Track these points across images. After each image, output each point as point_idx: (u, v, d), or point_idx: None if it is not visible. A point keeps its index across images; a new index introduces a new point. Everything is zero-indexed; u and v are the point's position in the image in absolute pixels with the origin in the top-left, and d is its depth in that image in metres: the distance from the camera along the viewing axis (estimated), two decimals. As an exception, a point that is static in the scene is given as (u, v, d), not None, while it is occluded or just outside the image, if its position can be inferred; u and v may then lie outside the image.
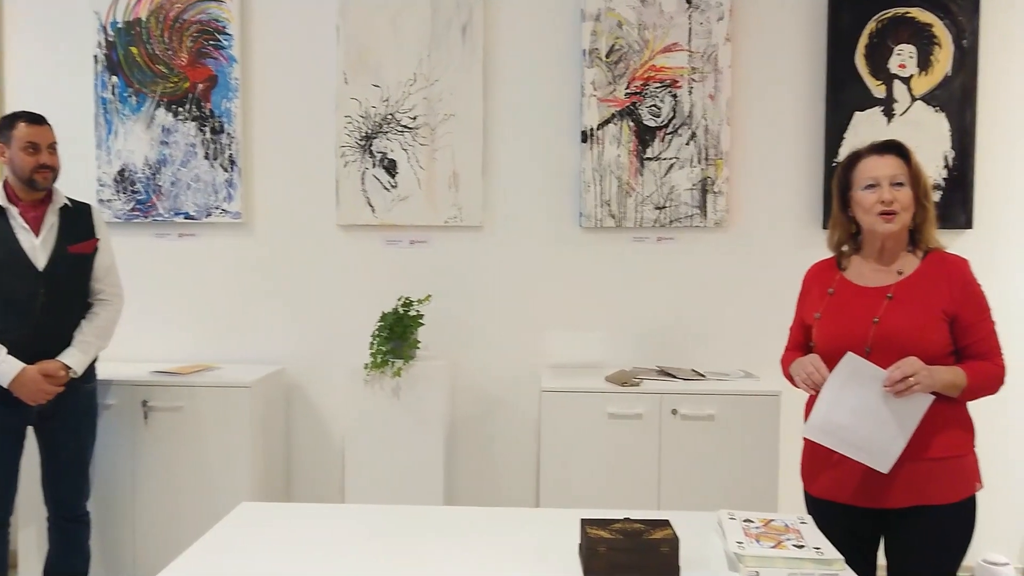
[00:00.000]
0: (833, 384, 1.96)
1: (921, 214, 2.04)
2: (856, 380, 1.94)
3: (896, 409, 1.91)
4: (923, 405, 1.92)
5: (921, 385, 1.89)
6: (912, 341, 1.94)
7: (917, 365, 1.89)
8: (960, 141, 3.36)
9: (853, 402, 1.94)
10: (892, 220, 2.00)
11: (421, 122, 3.46)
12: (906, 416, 1.92)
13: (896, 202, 1.99)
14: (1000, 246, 3.40)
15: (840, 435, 1.96)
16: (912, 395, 1.90)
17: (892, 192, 1.99)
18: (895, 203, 1.99)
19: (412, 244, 3.52)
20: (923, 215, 2.04)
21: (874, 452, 1.93)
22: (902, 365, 1.90)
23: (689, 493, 3.00)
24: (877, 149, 2.06)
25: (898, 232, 2.03)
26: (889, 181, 2.00)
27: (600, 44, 3.40)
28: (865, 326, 1.99)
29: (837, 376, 1.96)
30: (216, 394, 3.16)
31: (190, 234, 3.57)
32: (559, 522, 1.94)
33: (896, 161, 2.02)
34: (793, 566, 1.64)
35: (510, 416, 3.52)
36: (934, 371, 1.91)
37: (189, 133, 3.51)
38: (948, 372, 1.94)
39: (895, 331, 1.96)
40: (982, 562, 3.40)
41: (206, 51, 3.49)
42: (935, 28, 3.36)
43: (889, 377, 1.90)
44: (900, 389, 1.89)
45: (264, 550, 1.84)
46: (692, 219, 3.42)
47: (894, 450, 1.92)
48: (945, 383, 1.93)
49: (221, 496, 3.06)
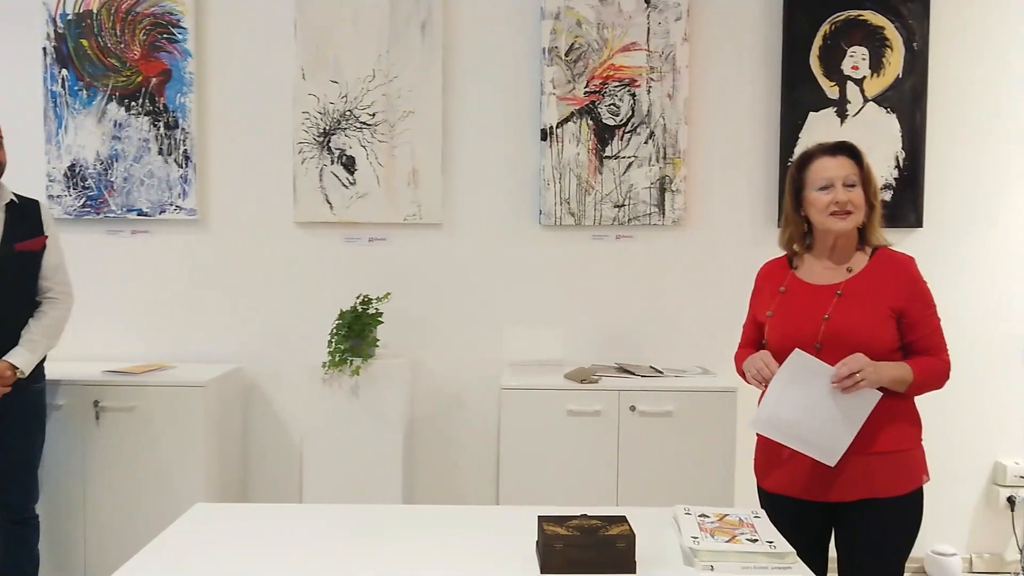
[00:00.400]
0: (780, 379, 2.00)
1: (870, 213, 2.08)
2: (803, 376, 1.97)
3: (844, 404, 1.95)
4: (871, 401, 1.96)
5: (867, 381, 1.93)
6: (860, 337, 1.98)
7: (863, 361, 1.93)
8: (911, 141, 3.44)
9: (800, 397, 1.97)
10: (846, 220, 2.04)
11: (380, 119, 3.44)
12: (853, 411, 1.96)
13: (850, 202, 2.03)
14: (949, 244, 3.49)
15: (786, 429, 2.00)
16: (859, 391, 1.94)
17: (846, 193, 2.03)
18: (848, 203, 2.03)
19: (371, 242, 3.50)
20: (871, 215, 2.09)
21: (821, 446, 1.97)
22: (848, 362, 1.93)
23: (647, 489, 3.03)
24: (829, 150, 2.09)
25: (850, 231, 2.07)
26: (842, 182, 2.04)
27: (560, 43, 3.41)
28: (815, 323, 2.02)
29: (785, 372, 2.00)
30: (170, 394, 3.11)
31: (143, 231, 3.50)
32: (517, 520, 1.94)
33: (849, 162, 2.06)
34: (747, 560, 1.67)
35: (470, 414, 3.51)
36: (880, 367, 1.95)
37: (142, 128, 3.44)
38: (895, 368, 1.98)
39: (844, 328, 2.00)
40: (931, 553, 3.48)
41: (160, 45, 3.43)
42: (887, 31, 3.43)
43: (836, 374, 1.93)
44: (847, 385, 1.93)
45: (219, 551, 1.82)
46: (650, 217, 3.45)
47: (841, 444, 1.96)
48: (892, 378, 1.97)
49: (175, 498, 3.01)
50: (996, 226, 3.50)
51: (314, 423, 3.17)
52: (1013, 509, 3.48)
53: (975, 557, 3.57)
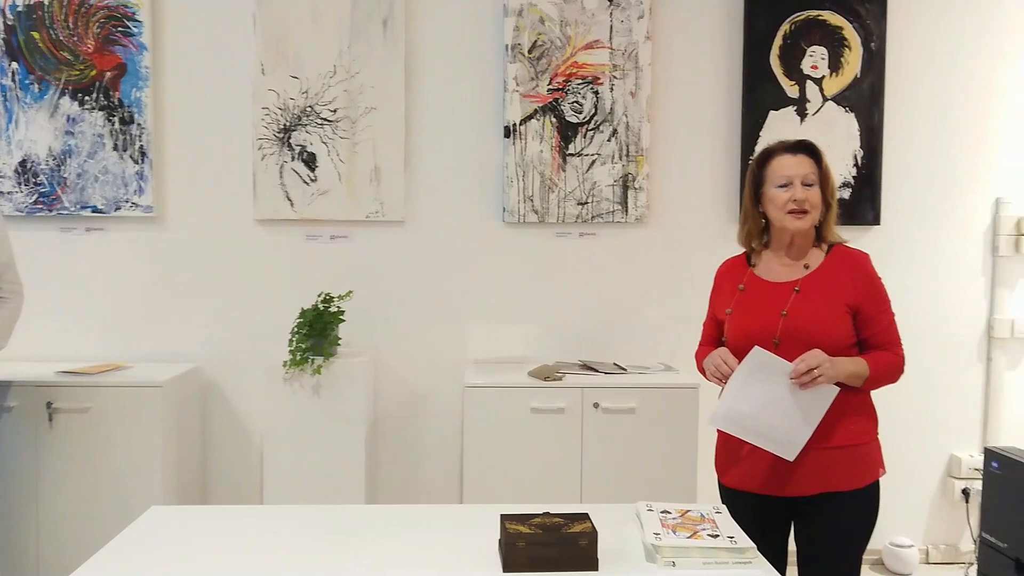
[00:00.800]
0: (739, 376, 2.02)
1: (826, 212, 2.11)
2: (762, 372, 1.99)
3: (802, 400, 1.97)
4: (829, 396, 1.98)
5: (825, 376, 1.95)
6: (817, 333, 2.00)
7: (821, 357, 1.96)
8: (868, 140, 3.49)
9: (759, 393, 1.99)
10: (802, 218, 2.06)
11: (341, 115, 3.40)
12: (812, 407, 1.98)
13: (807, 201, 2.05)
14: (906, 242, 3.55)
15: (745, 424, 2.01)
16: (817, 386, 1.96)
17: (804, 191, 2.05)
18: (806, 202, 2.05)
19: (333, 239, 3.46)
20: (828, 213, 2.11)
21: (780, 441, 1.99)
22: (807, 358, 1.95)
23: (611, 485, 3.04)
24: (790, 148, 2.11)
25: (807, 229, 2.09)
26: (801, 180, 2.06)
27: (522, 40, 3.40)
28: (774, 319, 2.04)
29: (744, 368, 2.01)
30: (126, 394, 3.04)
31: (98, 228, 3.42)
32: (481, 518, 1.93)
33: (808, 161, 2.08)
34: (708, 555, 1.67)
35: (433, 412, 3.49)
36: (837, 362, 1.98)
37: (96, 123, 3.37)
38: (851, 363, 2.01)
39: (802, 323, 2.02)
40: (889, 545, 3.54)
41: (114, 38, 3.35)
42: (845, 31, 3.47)
43: (795, 370, 1.95)
44: (805, 381, 1.95)
45: (175, 554, 1.78)
46: (614, 215, 3.45)
47: (800, 439, 1.98)
48: (848, 373, 1.99)
49: (132, 501, 2.95)
50: (952, 224, 3.57)
51: (275, 423, 3.13)
52: (967, 501, 3.56)
53: (931, 548, 3.64)
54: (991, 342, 3.59)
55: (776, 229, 2.13)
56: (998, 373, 3.58)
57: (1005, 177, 3.57)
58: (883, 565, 3.57)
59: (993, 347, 3.59)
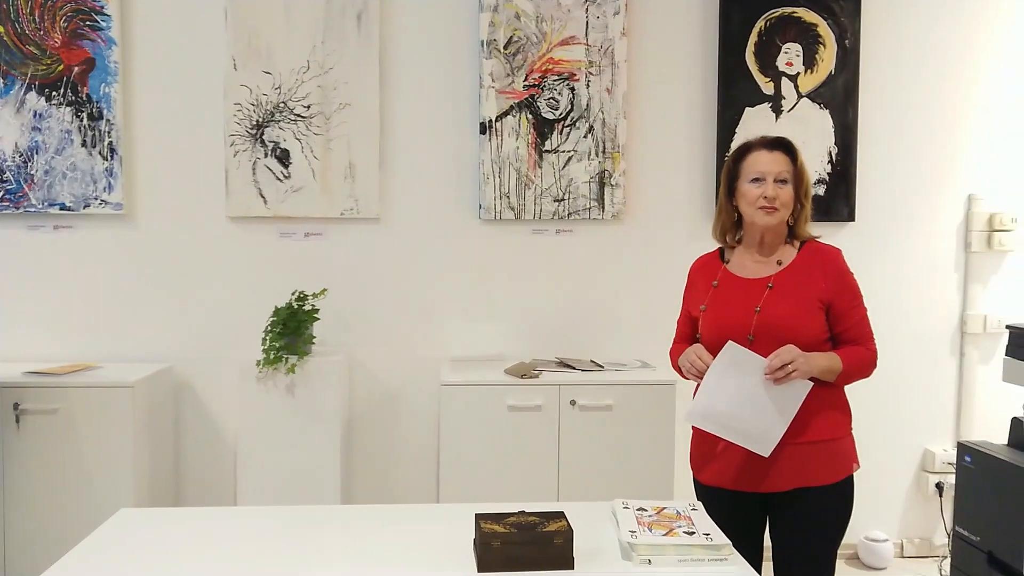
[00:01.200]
0: (714, 372, 2.01)
1: (800, 210, 2.11)
2: (737, 368, 1.99)
3: (776, 395, 1.97)
4: (803, 391, 1.98)
5: (799, 372, 1.95)
6: (791, 328, 2.00)
7: (795, 352, 1.96)
8: (843, 137, 3.51)
9: (734, 389, 1.98)
10: (772, 215, 2.06)
11: (315, 111, 3.36)
12: (786, 402, 1.98)
13: (777, 199, 2.05)
14: (880, 238, 3.57)
15: (721, 421, 2.01)
16: (791, 382, 1.96)
17: (775, 189, 2.05)
18: (776, 200, 2.05)
19: (307, 237, 3.42)
20: (801, 212, 2.11)
21: (755, 437, 1.98)
22: (781, 353, 1.95)
23: (588, 483, 3.03)
24: (767, 144, 2.11)
25: (776, 226, 2.09)
26: (774, 177, 2.06)
27: (498, 35, 3.38)
28: (748, 315, 2.04)
29: (718, 364, 2.01)
30: (96, 395, 2.99)
31: (67, 226, 3.36)
32: (456, 517, 1.92)
33: (783, 158, 2.08)
34: (683, 552, 1.67)
35: (409, 411, 3.47)
36: (811, 357, 1.98)
37: (64, 119, 3.30)
38: (824, 358, 2.01)
39: (775, 319, 2.02)
40: (864, 539, 3.56)
41: (82, 32, 3.29)
42: (820, 28, 3.48)
43: (769, 365, 1.95)
44: (779, 376, 1.94)
45: (144, 557, 1.74)
46: (590, 211, 3.44)
47: (774, 435, 1.98)
48: (822, 368, 2.00)
49: (102, 504, 2.90)
50: (925, 220, 3.60)
51: (248, 423, 3.09)
52: (941, 495, 3.59)
53: (906, 542, 3.67)
54: (964, 337, 3.62)
55: (747, 225, 2.13)
56: (971, 368, 3.62)
57: (977, 173, 3.60)
58: (858, 559, 3.59)
59: (966, 342, 3.62)
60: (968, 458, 2.93)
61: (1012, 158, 3.60)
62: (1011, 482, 2.67)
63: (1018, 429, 2.76)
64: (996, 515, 2.77)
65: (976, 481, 2.89)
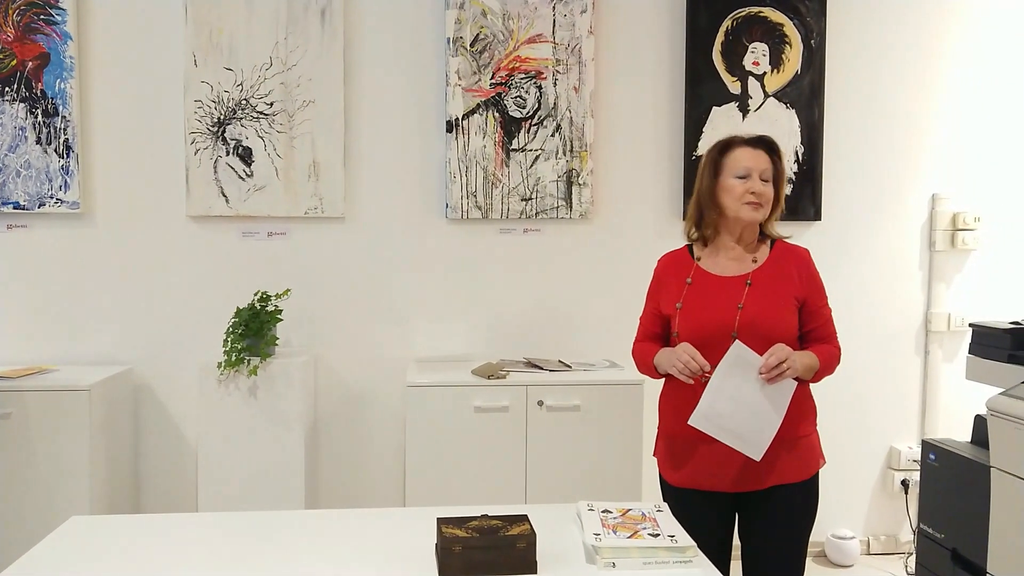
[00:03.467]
0: (720, 372, 1.97)
1: (775, 210, 2.13)
2: (739, 368, 1.96)
3: (769, 395, 1.96)
4: (789, 391, 1.97)
5: (792, 370, 1.95)
6: (772, 326, 2.01)
7: (788, 350, 1.96)
8: (809, 137, 3.52)
9: (733, 389, 1.95)
10: (757, 211, 2.07)
11: (278, 108, 3.30)
12: (776, 402, 1.96)
13: (763, 195, 2.06)
14: (846, 237, 3.58)
15: (719, 422, 1.97)
16: (780, 381, 1.96)
17: (761, 185, 2.05)
18: (763, 196, 2.06)
19: (270, 236, 3.36)
20: (775, 211, 2.13)
21: (749, 439, 1.96)
22: (776, 351, 1.94)
23: (556, 484, 3.00)
24: (751, 142, 2.10)
25: (756, 223, 2.10)
26: (760, 175, 2.06)
27: (464, 33, 3.34)
28: (730, 313, 2.03)
29: (725, 364, 1.96)
30: (51, 399, 2.91)
31: (21, 225, 3.27)
32: (420, 521, 1.88)
33: (767, 158, 2.09)
34: (648, 555, 1.65)
35: (374, 413, 3.42)
36: (799, 356, 2.00)
37: (18, 115, 3.21)
38: (807, 356, 2.03)
39: (757, 316, 2.01)
40: (831, 537, 3.58)
41: (36, 26, 3.20)
42: (786, 28, 3.49)
43: (765, 364, 1.93)
44: (775, 375, 1.93)
45: (97, 567, 1.68)
46: (558, 211, 3.42)
47: (767, 436, 1.96)
48: (805, 366, 2.01)
49: (57, 511, 2.82)
50: (890, 219, 3.62)
51: (210, 427, 3.02)
52: (907, 492, 3.62)
53: (872, 539, 3.69)
54: (928, 336, 3.65)
55: (727, 220, 2.10)
56: (935, 366, 3.64)
57: (941, 173, 3.63)
58: (826, 557, 3.60)
59: (930, 340, 3.65)
60: (932, 456, 2.95)
61: (975, 158, 3.64)
62: (974, 479, 2.69)
63: (981, 427, 2.78)
64: (960, 512, 2.79)
65: (940, 478, 2.91)
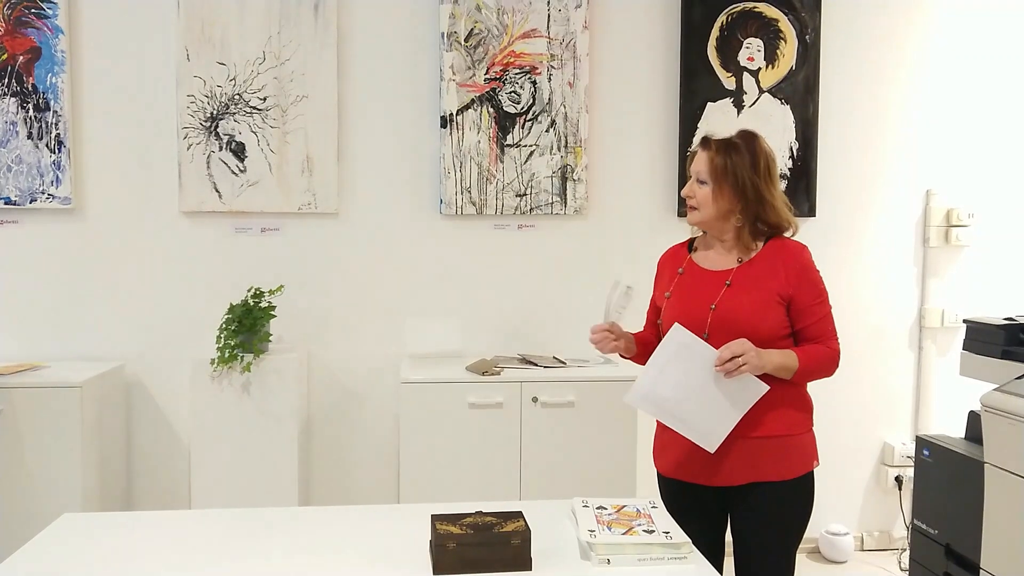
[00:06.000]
0: (661, 354, 1.97)
1: (749, 207, 2.04)
2: (685, 354, 1.95)
3: (726, 391, 1.93)
4: (757, 392, 1.93)
5: (749, 366, 1.91)
6: (746, 323, 1.98)
7: (747, 346, 1.92)
8: (803, 133, 3.52)
9: (681, 376, 1.94)
10: (691, 214, 2.08)
11: (271, 103, 3.29)
12: (736, 399, 1.93)
13: (693, 197, 2.06)
14: (840, 233, 3.58)
15: (664, 406, 1.97)
16: (744, 379, 1.92)
17: (692, 187, 2.07)
18: (693, 198, 2.06)
19: (263, 232, 3.34)
20: (750, 208, 2.04)
21: (700, 429, 1.95)
22: (732, 345, 1.92)
23: (550, 480, 3.00)
24: (701, 143, 2.10)
25: (710, 224, 2.07)
26: (697, 176, 2.07)
27: (459, 27, 3.33)
28: (704, 311, 2.02)
29: (666, 346, 1.96)
30: (42, 396, 2.89)
31: (11, 221, 3.25)
32: (415, 518, 1.87)
33: (704, 156, 2.06)
34: (642, 552, 1.64)
35: (369, 409, 3.41)
36: (764, 354, 1.94)
37: (9, 110, 3.19)
38: (779, 355, 1.97)
39: (730, 315, 1.99)
40: (824, 533, 3.58)
41: (27, 20, 3.18)
42: (781, 23, 3.49)
43: (719, 357, 1.91)
44: (729, 369, 1.91)
45: (88, 565, 1.67)
46: (552, 206, 3.41)
47: (721, 430, 1.94)
48: (776, 365, 1.96)
49: (49, 509, 2.78)
50: (884, 215, 3.62)
51: (203, 423, 3.01)
52: (900, 488, 3.62)
53: (866, 535, 3.69)
54: (922, 331, 3.66)
55: None
56: (929, 362, 3.65)
57: (935, 169, 3.63)
58: (819, 553, 3.61)
59: (924, 336, 3.65)
60: (926, 452, 2.95)
61: (969, 154, 3.64)
62: (968, 475, 2.69)
63: (975, 423, 2.79)
64: (954, 508, 2.79)
65: (934, 474, 2.91)
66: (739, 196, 2.03)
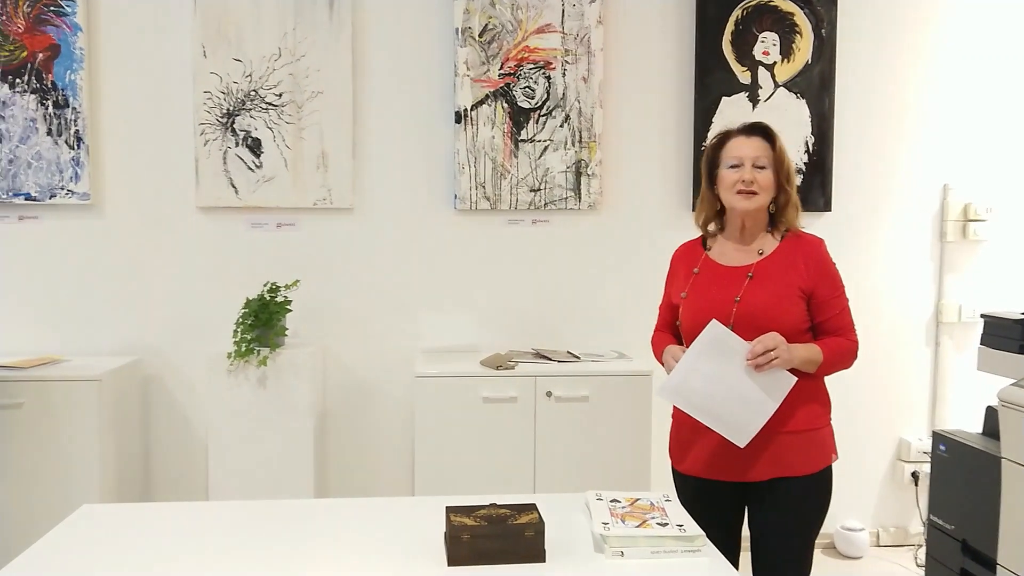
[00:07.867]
0: (695, 349, 1.97)
1: (783, 197, 2.08)
2: (718, 348, 1.95)
3: (758, 385, 1.93)
4: (787, 385, 1.94)
5: (780, 360, 1.92)
6: (770, 317, 1.98)
7: (778, 339, 1.93)
8: (819, 127, 3.50)
9: (713, 370, 1.94)
10: (750, 200, 2.04)
11: (287, 99, 3.30)
12: (768, 393, 1.93)
13: (755, 183, 2.03)
14: (856, 228, 3.57)
15: (695, 401, 1.97)
16: (775, 372, 1.93)
17: (753, 173, 2.03)
18: (754, 184, 2.03)
19: (279, 227, 3.37)
20: (785, 198, 2.08)
21: (731, 424, 1.95)
22: (763, 339, 1.92)
23: (564, 474, 3.00)
24: (745, 130, 2.09)
25: (755, 212, 2.07)
26: (752, 162, 2.04)
27: (473, 23, 3.33)
28: (728, 304, 2.02)
29: (700, 342, 1.96)
30: (62, 389, 2.93)
31: (32, 216, 3.28)
32: (429, 510, 1.89)
33: (761, 143, 2.06)
34: (656, 544, 1.65)
35: (383, 404, 3.43)
36: (793, 348, 1.95)
37: (28, 107, 3.23)
38: (805, 349, 1.98)
39: (754, 309, 1.99)
40: (840, 529, 3.57)
41: (46, 18, 3.21)
42: (796, 17, 3.47)
43: (751, 351, 1.92)
44: (761, 363, 1.91)
45: (108, 555, 1.70)
46: (566, 201, 3.41)
47: (753, 426, 1.94)
48: (803, 359, 1.97)
49: (68, 500, 2.83)
50: (900, 210, 3.60)
51: (219, 417, 3.04)
52: (917, 484, 3.60)
53: (881, 531, 3.68)
54: (939, 327, 3.63)
55: (728, 212, 2.10)
56: (946, 357, 3.63)
57: (952, 163, 3.60)
58: (835, 549, 3.60)
59: (941, 332, 3.63)
60: (943, 447, 2.94)
61: (986, 148, 3.61)
62: (985, 471, 2.67)
63: (992, 418, 2.77)
64: (970, 504, 2.78)
65: (951, 470, 2.89)
66: (785, 182, 2.06)
